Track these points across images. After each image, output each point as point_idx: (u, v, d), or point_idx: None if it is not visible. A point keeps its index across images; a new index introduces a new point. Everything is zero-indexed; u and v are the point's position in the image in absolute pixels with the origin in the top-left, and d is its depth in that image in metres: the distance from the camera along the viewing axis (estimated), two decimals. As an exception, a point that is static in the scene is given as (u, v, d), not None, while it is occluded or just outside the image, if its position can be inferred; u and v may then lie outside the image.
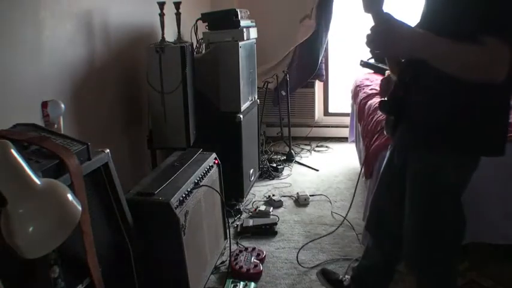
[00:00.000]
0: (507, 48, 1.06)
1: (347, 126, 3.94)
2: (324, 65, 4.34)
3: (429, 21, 1.29)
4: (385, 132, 1.50)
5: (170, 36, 2.65)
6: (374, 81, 3.48)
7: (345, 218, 2.47)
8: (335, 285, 1.96)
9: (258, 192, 3.18)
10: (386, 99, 1.41)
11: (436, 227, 1.38)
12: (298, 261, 2.27)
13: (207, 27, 2.96)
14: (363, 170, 2.28)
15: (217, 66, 2.81)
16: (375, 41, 1.17)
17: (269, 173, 3.50)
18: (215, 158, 2.28)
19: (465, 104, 1.21)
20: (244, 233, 2.56)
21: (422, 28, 1.24)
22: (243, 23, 2.90)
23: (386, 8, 1.18)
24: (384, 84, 1.46)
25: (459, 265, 1.54)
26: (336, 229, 2.49)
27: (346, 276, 1.96)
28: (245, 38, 2.87)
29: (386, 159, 1.63)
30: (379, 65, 4.13)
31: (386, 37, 1.15)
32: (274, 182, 3.40)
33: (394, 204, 1.52)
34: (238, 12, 2.89)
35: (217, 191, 2.23)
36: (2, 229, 0.96)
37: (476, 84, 1.11)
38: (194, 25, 3.01)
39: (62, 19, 1.92)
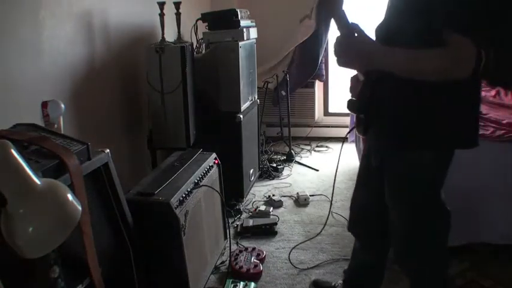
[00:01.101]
0: (471, 45, 1.08)
1: (347, 126, 3.94)
2: (324, 65, 4.34)
3: (393, 19, 1.30)
4: (356, 132, 1.50)
5: (170, 36, 2.65)
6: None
7: (327, 218, 2.46)
8: None
9: (258, 192, 3.18)
10: (354, 98, 1.42)
11: (423, 223, 1.40)
12: (293, 260, 2.27)
13: (207, 27, 2.96)
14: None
15: (217, 66, 2.81)
16: (338, 53, 1.20)
17: (269, 173, 3.50)
18: (215, 158, 2.28)
19: (432, 101, 1.23)
20: (244, 233, 2.56)
21: (386, 26, 1.28)
22: (243, 23, 2.90)
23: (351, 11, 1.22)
24: (353, 83, 1.47)
25: (449, 259, 1.55)
26: (323, 228, 2.48)
27: (339, 282, 1.96)
28: (245, 38, 2.87)
29: (361, 159, 1.65)
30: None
31: (349, 52, 1.18)
32: (274, 182, 3.40)
33: (374, 204, 1.53)
34: (238, 12, 2.89)
35: (217, 191, 2.23)
36: (2, 229, 0.96)
37: (445, 84, 1.13)
38: (194, 25, 3.01)
39: (62, 19, 1.92)
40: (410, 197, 1.38)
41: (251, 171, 3.16)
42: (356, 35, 1.18)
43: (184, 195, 1.80)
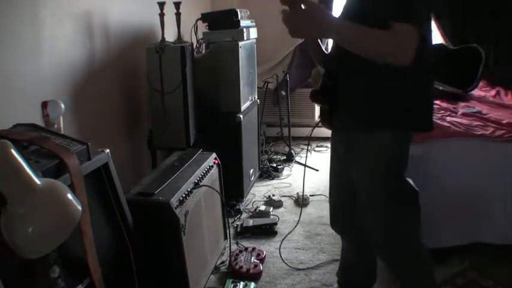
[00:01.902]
0: (415, 32, 1.14)
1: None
2: (324, 65, 4.33)
3: (350, 10, 1.38)
4: (321, 124, 1.56)
5: (170, 36, 2.65)
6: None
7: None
8: None
9: (258, 192, 3.18)
10: (317, 89, 1.48)
11: (391, 203, 1.44)
12: (293, 260, 2.27)
13: (207, 27, 2.96)
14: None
15: (217, 66, 2.81)
16: (291, 19, 1.21)
17: (269, 173, 3.50)
18: (215, 158, 2.28)
19: (388, 87, 1.31)
20: (244, 233, 2.56)
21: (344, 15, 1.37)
22: (243, 23, 2.90)
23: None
24: (314, 75, 1.54)
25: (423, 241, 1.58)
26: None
27: (335, 286, 1.96)
28: (245, 38, 2.87)
29: (330, 153, 1.71)
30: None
31: (303, 17, 1.19)
32: (274, 182, 3.40)
33: (348, 196, 1.56)
34: (238, 12, 2.89)
35: (217, 191, 2.23)
36: (2, 229, 0.96)
37: (397, 68, 1.18)
38: (194, 25, 3.01)
39: (62, 19, 1.92)
40: (372, 176, 1.43)
41: (251, 171, 3.16)
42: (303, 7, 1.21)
43: (184, 195, 1.80)
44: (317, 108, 4.54)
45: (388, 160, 1.39)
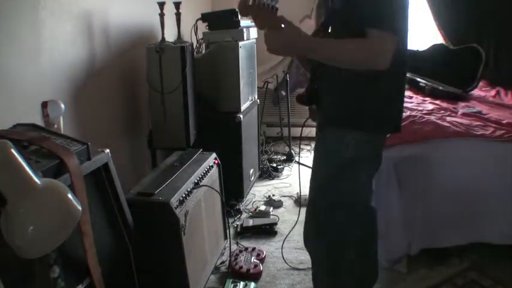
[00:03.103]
0: (389, 37, 1.19)
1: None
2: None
3: (332, 17, 1.45)
4: (311, 120, 1.67)
5: (170, 36, 2.65)
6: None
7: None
8: None
9: (258, 192, 3.18)
10: (302, 93, 1.59)
11: (338, 203, 1.46)
12: (293, 260, 2.27)
13: (207, 27, 2.96)
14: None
15: (217, 66, 2.81)
16: (267, 43, 1.28)
17: (269, 173, 3.50)
18: (215, 158, 2.28)
19: (356, 88, 1.36)
20: (244, 233, 2.56)
21: (326, 23, 1.44)
22: (243, 23, 2.90)
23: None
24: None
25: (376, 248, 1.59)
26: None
27: None
28: (245, 38, 2.87)
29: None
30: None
31: (277, 42, 1.27)
32: (274, 182, 3.40)
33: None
34: (238, 12, 2.89)
35: (217, 191, 2.23)
36: (2, 229, 0.96)
37: (369, 73, 1.25)
38: (194, 25, 3.01)
39: (62, 19, 1.92)
40: (325, 173, 1.48)
41: (251, 171, 3.16)
42: (283, 26, 1.27)
43: (184, 195, 1.80)
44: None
45: (348, 159, 1.41)
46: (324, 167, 1.50)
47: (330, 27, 1.47)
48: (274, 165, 3.61)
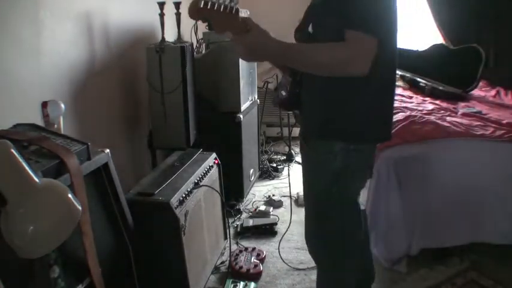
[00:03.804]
0: (368, 40, 1.12)
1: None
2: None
3: (316, 26, 1.37)
4: (298, 124, 1.61)
5: (170, 36, 2.65)
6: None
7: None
8: None
9: (258, 192, 3.18)
10: (284, 96, 1.53)
11: (328, 213, 1.45)
12: (293, 260, 2.27)
13: (207, 27, 2.94)
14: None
15: (217, 66, 2.81)
16: (239, 51, 1.24)
17: (269, 173, 3.50)
18: (215, 158, 2.28)
19: (340, 96, 1.30)
20: (244, 233, 2.56)
21: (306, 23, 1.38)
22: (243, 23, 2.89)
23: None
24: (284, 81, 1.58)
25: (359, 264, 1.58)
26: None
27: None
28: (245, 38, 2.86)
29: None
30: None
31: (248, 51, 1.22)
32: (274, 182, 3.40)
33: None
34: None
35: (217, 191, 2.23)
36: (2, 229, 0.96)
37: (352, 81, 1.18)
38: (194, 25, 3.00)
39: (62, 19, 1.92)
40: (317, 183, 1.45)
41: (251, 171, 3.16)
42: (250, 30, 1.21)
43: (184, 195, 1.80)
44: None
45: (338, 169, 1.38)
46: (316, 177, 1.47)
47: (309, 26, 1.40)
48: (274, 165, 3.61)
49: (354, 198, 1.48)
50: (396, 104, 2.69)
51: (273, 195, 3.03)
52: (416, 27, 4.24)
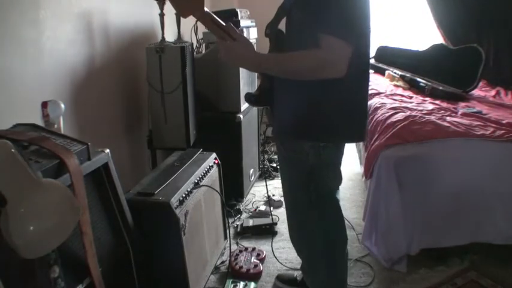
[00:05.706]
0: (343, 44, 1.15)
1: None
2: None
3: (289, 25, 1.40)
4: (268, 121, 1.63)
5: (170, 36, 2.65)
6: (373, 81, 3.48)
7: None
8: (290, 284, 2.01)
9: (258, 192, 3.18)
10: (253, 92, 1.56)
11: (306, 212, 1.50)
12: (293, 260, 2.27)
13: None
14: (363, 169, 2.29)
15: (217, 66, 2.81)
16: (221, 55, 1.31)
17: (269, 173, 3.50)
18: (215, 158, 2.28)
19: (311, 97, 1.33)
20: (244, 233, 2.56)
21: (278, 20, 1.42)
22: (243, 23, 2.90)
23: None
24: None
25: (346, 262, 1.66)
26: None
27: (300, 273, 1.99)
28: (245, 38, 2.86)
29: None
30: (379, 64, 4.14)
31: (229, 57, 1.29)
32: (274, 182, 3.40)
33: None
34: (238, 12, 2.89)
35: (217, 191, 2.23)
36: (2, 229, 0.96)
37: (323, 82, 1.21)
38: (194, 25, 3.00)
39: (62, 19, 1.92)
40: (294, 182, 1.51)
41: (251, 171, 3.16)
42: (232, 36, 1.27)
43: (184, 195, 1.80)
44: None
45: (310, 166, 1.41)
46: (291, 174, 1.51)
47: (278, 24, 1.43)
48: (274, 165, 3.61)
49: (332, 194, 1.52)
50: (396, 104, 2.69)
51: (273, 195, 3.03)
52: (416, 27, 4.24)
